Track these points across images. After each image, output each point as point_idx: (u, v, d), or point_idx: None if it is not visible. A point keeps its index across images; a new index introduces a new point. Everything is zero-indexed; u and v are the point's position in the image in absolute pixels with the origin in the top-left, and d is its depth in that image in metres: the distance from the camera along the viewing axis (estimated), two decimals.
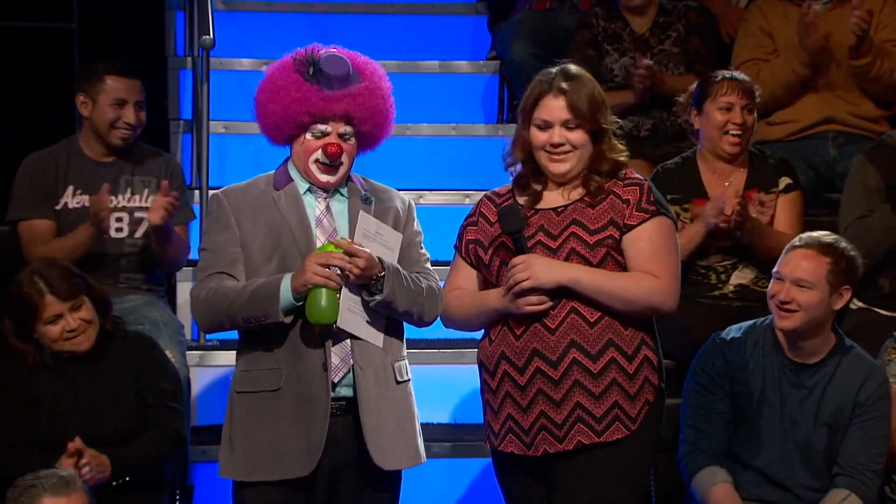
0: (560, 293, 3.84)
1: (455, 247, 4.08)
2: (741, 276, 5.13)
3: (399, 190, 4.21)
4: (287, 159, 4.06)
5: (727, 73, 5.22)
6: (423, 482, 4.98)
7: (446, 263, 4.21)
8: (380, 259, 3.89)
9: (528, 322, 3.85)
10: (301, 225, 3.95)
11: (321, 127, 3.95)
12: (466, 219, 4.07)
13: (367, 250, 3.85)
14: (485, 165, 6.17)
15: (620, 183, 3.91)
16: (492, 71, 6.76)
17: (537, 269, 3.80)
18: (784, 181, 5.22)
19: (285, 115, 3.93)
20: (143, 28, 6.42)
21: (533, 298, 3.81)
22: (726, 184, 5.15)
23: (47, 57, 6.06)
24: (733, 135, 5.12)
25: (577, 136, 3.89)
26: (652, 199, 3.90)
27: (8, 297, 4.37)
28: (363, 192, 4.06)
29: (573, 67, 3.95)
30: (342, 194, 4.05)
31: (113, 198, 4.99)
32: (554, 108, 3.90)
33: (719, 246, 5.11)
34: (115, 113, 5.02)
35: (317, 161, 3.97)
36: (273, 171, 4.07)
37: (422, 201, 5.86)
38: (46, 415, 4.31)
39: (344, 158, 3.98)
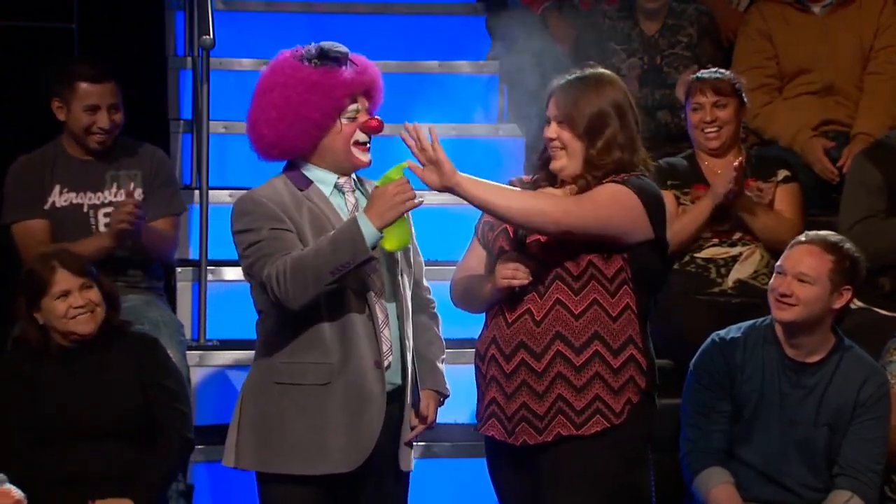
0: (543, 277, 3.85)
1: (476, 226, 4.11)
2: (741, 271, 5.17)
3: None
4: (288, 167, 3.97)
5: (698, 74, 5.37)
6: (423, 482, 4.98)
7: (447, 263, 4.22)
8: (437, 391, 4.10)
9: (519, 310, 3.87)
10: (340, 221, 3.88)
11: (353, 106, 3.90)
12: None
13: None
14: (485, 165, 6.17)
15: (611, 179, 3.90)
16: (492, 71, 6.76)
17: (441, 170, 3.79)
18: (783, 173, 5.34)
19: (326, 106, 3.85)
20: (143, 28, 6.41)
21: (508, 271, 3.81)
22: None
23: (47, 57, 6.06)
24: (708, 131, 5.28)
25: (565, 134, 3.91)
26: (623, 178, 3.87)
27: (20, 278, 4.43)
28: (372, 185, 4.05)
29: (594, 71, 3.98)
30: (358, 189, 4.01)
31: (99, 193, 5.05)
32: (550, 104, 3.96)
33: (717, 230, 5.17)
34: (88, 119, 5.02)
35: (356, 143, 3.93)
36: (276, 178, 3.96)
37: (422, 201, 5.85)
38: (49, 405, 4.33)
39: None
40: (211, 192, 5.46)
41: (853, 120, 5.90)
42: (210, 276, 5.37)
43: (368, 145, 3.96)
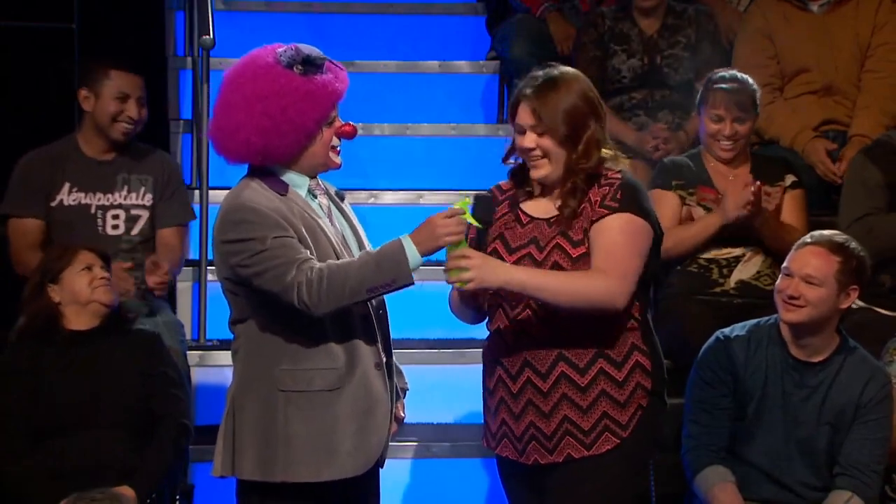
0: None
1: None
2: (743, 272, 5.16)
3: (399, 190, 4.20)
4: (258, 171, 3.86)
5: (724, 82, 5.23)
6: (423, 482, 4.98)
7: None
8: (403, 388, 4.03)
9: (519, 327, 3.83)
10: (326, 224, 3.86)
11: (333, 113, 3.86)
12: None
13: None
14: (485, 165, 6.17)
15: (596, 188, 3.82)
16: (492, 71, 6.76)
17: (485, 271, 3.71)
18: (790, 178, 5.29)
19: (317, 115, 3.80)
20: (143, 28, 6.42)
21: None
22: (730, 178, 5.21)
23: (47, 57, 6.07)
24: (724, 144, 5.21)
25: (546, 142, 3.82)
26: (619, 196, 3.79)
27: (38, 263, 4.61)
28: (334, 189, 4.02)
29: (557, 70, 3.86)
30: (326, 192, 3.97)
31: (109, 195, 5.08)
32: (522, 113, 3.84)
33: (723, 236, 5.14)
34: (118, 107, 5.07)
35: (332, 148, 3.88)
36: (250, 181, 3.84)
37: (421, 201, 5.85)
38: (51, 398, 4.36)
39: None
40: (211, 192, 5.47)
41: (851, 119, 5.90)
42: (210, 276, 5.36)
43: (339, 148, 3.92)
